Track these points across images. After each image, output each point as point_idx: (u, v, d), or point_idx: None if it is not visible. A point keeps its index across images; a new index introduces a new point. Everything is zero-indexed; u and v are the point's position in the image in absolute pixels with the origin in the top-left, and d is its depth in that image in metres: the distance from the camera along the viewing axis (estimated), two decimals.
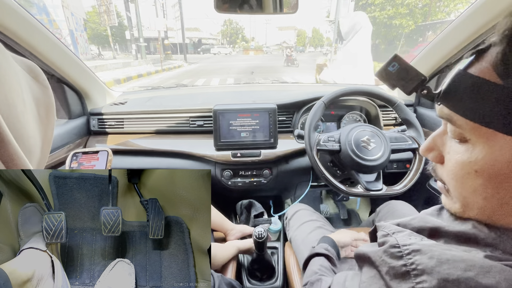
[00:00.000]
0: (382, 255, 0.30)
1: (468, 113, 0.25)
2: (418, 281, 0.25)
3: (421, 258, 0.26)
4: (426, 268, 0.25)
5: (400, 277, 0.27)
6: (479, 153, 0.26)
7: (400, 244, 0.28)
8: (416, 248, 0.27)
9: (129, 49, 20.28)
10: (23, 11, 0.69)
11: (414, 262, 0.26)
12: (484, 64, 0.25)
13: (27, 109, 0.26)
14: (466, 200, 0.29)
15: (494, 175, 0.25)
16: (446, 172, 0.30)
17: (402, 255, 0.27)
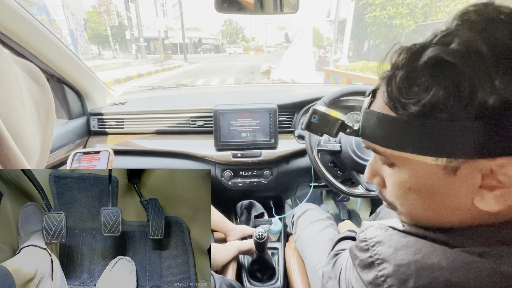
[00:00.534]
0: (354, 250, 0.34)
1: (383, 142, 0.29)
2: (380, 269, 0.29)
3: (382, 248, 0.30)
4: (385, 257, 0.29)
5: (367, 268, 0.31)
6: (405, 173, 0.29)
7: (367, 238, 0.33)
8: (378, 239, 0.31)
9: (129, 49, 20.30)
10: (23, 11, 0.69)
11: (377, 253, 0.30)
12: (379, 101, 0.29)
13: (26, 110, 0.26)
14: (411, 214, 0.33)
15: (422, 189, 0.29)
16: (389, 193, 0.34)
17: (368, 247, 0.32)
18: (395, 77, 0.27)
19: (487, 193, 0.25)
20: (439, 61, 0.24)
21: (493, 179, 0.24)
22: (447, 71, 0.23)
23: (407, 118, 0.26)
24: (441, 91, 0.23)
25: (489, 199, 0.25)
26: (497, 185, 0.24)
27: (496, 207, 0.25)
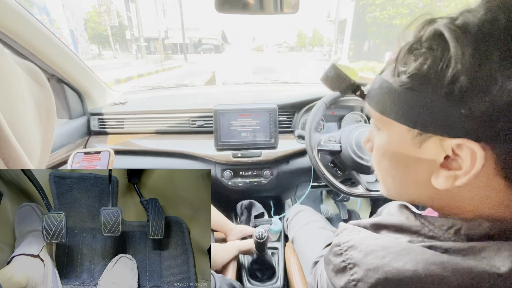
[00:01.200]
0: (328, 255, 0.35)
1: (376, 106, 0.31)
2: (351, 273, 0.29)
3: (354, 253, 0.30)
4: (356, 261, 0.29)
5: (340, 272, 0.31)
6: (384, 138, 0.32)
7: (340, 242, 0.33)
8: (351, 244, 0.31)
9: (130, 48, 20.31)
10: (24, 11, 0.69)
11: (349, 257, 0.30)
12: (389, 69, 0.30)
13: (28, 110, 0.27)
14: (384, 181, 0.36)
15: (393, 157, 0.32)
16: (372, 158, 0.37)
17: (341, 252, 0.32)
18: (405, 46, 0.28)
19: (442, 171, 0.27)
20: (436, 34, 0.25)
21: (453, 161, 0.26)
22: (438, 44, 0.24)
23: (398, 86, 0.27)
24: (426, 63, 0.24)
25: (441, 176, 0.27)
26: (454, 167, 0.26)
27: (444, 185, 0.26)
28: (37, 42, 0.76)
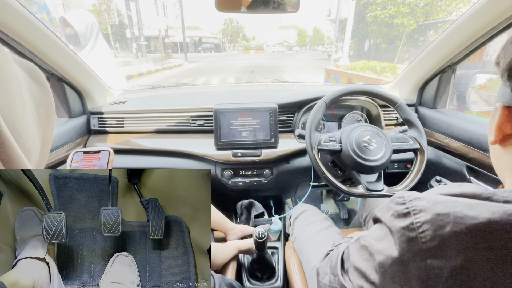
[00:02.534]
0: (388, 204, 0.35)
1: None
2: (416, 217, 0.30)
3: (420, 202, 0.31)
4: (423, 208, 0.30)
5: (402, 217, 0.32)
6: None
7: (404, 195, 0.34)
8: (417, 196, 0.32)
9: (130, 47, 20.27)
10: (23, 9, 0.68)
11: (414, 205, 0.31)
12: None
13: (27, 109, 0.26)
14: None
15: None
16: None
17: (405, 201, 0.32)
18: None
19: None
20: None
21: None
22: None
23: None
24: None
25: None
26: None
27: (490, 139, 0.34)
28: (36, 40, 0.75)
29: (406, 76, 1.18)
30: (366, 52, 20.95)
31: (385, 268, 0.32)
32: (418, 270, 0.29)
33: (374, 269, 0.34)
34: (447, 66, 1.00)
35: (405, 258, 0.30)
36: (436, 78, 1.06)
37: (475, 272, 0.26)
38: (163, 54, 15.16)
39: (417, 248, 0.29)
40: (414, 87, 1.15)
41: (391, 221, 0.33)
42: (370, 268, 0.35)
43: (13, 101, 0.24)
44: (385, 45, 18.55)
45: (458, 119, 0.96)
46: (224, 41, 56.67)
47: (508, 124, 0.33)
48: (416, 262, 0.29)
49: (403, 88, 1.21)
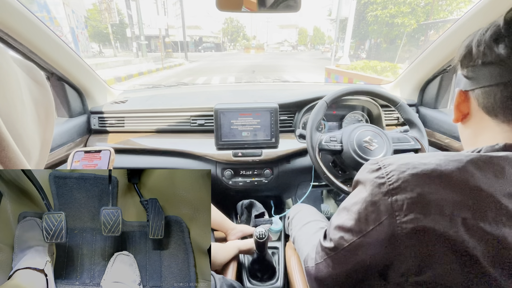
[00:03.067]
0: (365, 166, 0.42)
1: None
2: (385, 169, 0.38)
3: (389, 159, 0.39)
4: (391, 162, 0.38)
5: (375, 170, 0.39)
6: None
7: (377, 159, 0.40)
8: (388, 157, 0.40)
9: (130, 47, 20.28)
10: (24, 8, 0.68)
11: (384, 162, 0.39)
12: None
13: (26, 110, 0.26)
14: None
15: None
16: None
17: (377, 162, 0.40)
18: None
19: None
20: None
21: None
22: None
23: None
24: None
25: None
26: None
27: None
28: (37, 40, 0.75)
29: (407, 76, 1.18)
30: (367, 52, 20.92)
31: (360, 213, 0.39)
32: (386, 206, 0.36)
33: (352, 219, 0.41)
34: (448, 66, 0.99)
35: (376, 199, 0.37)
36: (437, 78, 1.06)
37: (427, 201, 0.33)
38: (163, 54, 15.15)
39: (385, 189, 0.36)
40: (415, 87, 1.15)
41: (366, 176, 0.40)
42: (347, 220, 0.41)
43: (13, 101, 0.24)
44: (385, 44, 18.53)
45: None
46: (224, 40, 56.63)
47: (464, 104, 0.42)
48: (385, 199, 0.36)
49: (404, 88, 1.21)
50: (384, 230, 0.36)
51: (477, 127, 0.41)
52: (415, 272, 0.34)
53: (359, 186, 0.42)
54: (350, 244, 0.41)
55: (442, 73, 1.03)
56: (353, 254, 0.41)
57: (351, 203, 0.42)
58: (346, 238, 0.41)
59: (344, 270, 0.44)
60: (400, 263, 0.35)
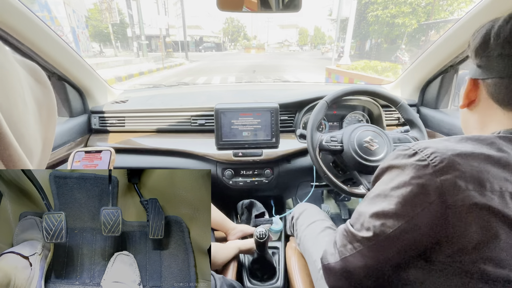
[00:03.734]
0: (396, 152, 0.42)
1: None
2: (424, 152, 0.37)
3: (422, 144, 0.39)
4: (426, 146, 0.38)
5: (412, 155, 0.38)
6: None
7: (406, 145, 0.41)
8: (416, 142, 0.41)
9: (131, 46, 20.29)
10: (25, 8, 0.68)
11: (419, 146, 0.38)
12: None
13: (28, 109, 0.26)
14: None
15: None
16: None
17: (409, 147, 0.40)
18: None
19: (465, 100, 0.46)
20: None
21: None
22: None
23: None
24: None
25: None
26: None
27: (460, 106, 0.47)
28: (38, 39, 0.75)
29: (408, 76, 1.18)
30: (368, 52, 20.90)
31: (405, 197, 0.38)
32: (435, 187, 0.35)
33: (394, 204, 0.39)
34: (449, 66, 0.99)
35: (423, 181, 0.36)
36: (438, 78, 1.06)
37: (478, 178, 0.33)
38: (164, 53, 15.16)
39: (430, 170, 0.35)
40: (416, 87, 1.15)
41: (402, 161, 0.39)
42: (389, 205, 0.39)
43: (15, 101, 0.24)
44: (386, 44, 18.51)
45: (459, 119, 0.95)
46: (225, 40, 56.61)
47: (473, 92, 0.43)
48: (433, 180, 0.35)
49: (405, 88, 1.20)
50: (434, 210, 0.35)
51: (484, 114, 0.43)
52: (468, 251, 0.34)
53: (393, 171, 0.41)
54: (395, 230, 0.39)
55: (443, 73, 1.03)
56: (397, 240, 0.39)
57: (389, 188, 0.40)
58: (389, 225, 0.39)
59: (384, 257, 0.42)
60: (451, 243, 0.35)
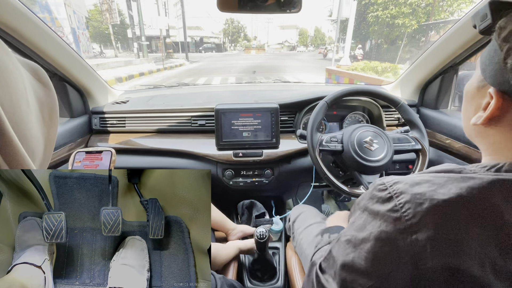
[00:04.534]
0: (371, 192, 0.37)
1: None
2: (398, 199, 0.33)
3: (399, 185, 0.34)
4: (403, 190, 0.33)
5: (386, 201, 0.34)
6: (470, 79, 0.39)
7: (384, 181, 0.36)
8: (396, 180, 0.36)
9: (131, 47, 20.32)
10: (25, 9, 0.69)
11: (395, 189, 0.34)
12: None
13: (31, 110, 0.26)
14: (463, 121, 0.43)
15: (466, 92, 0.39)
16: None
17: (386, 187, 0.35)
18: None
19: (480, 112, 0.35)
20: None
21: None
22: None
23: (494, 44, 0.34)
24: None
25: (477, 115, 0.36)
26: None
27: (473, 120, 0.36)
28: (38, 40, 0.76)
29: (408, 77, 1.18)
30: (368, 52, 20.92)
31: (375, 253, 0.34)
32: (407, 246, 0.31)
33: (364, 259, 0.35)
34: (449, 67, 0.99)
35: (393, 237, 0.32)
36: (438, 78, 1.06)
37: (454, 240, 0.29)
38: (164, 54, 15.18)
39: (402, 226, 0.32)
40: (416, 87, 1.15)
41: (376, 207, 0.35)
42: (359, 259, 0.35)
43: (18, 102, 0.24)
44: (386, 45, 18.51)
45: (460, 120, 0.95)
46: (225, 41, 56.68)
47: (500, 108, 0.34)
48: (404, 238, 0.31)
49: (404, 88, 1.21)
50: (407, 272, 0.31)
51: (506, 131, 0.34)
52: None
53: (366, 215, 0.37)
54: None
55: (443, 73, 1.03)
56: None
57: (360, 238, 0.36)
58: (360, 283, 0.35)
59: None
60: None
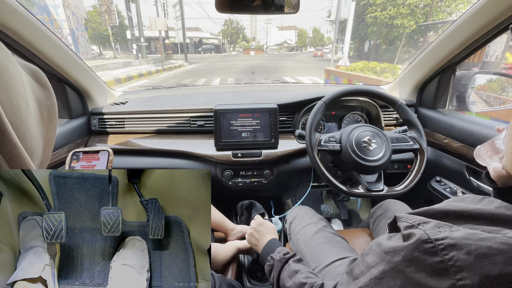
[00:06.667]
0: (414, 251, 0.28)
1: None
2: (458, 278, 0.25)
3: (458, 254, 0.25)
4: (465, 265, 0.25)
5: (438, 274, 0.26)
6: None
7: (432, 239, 0.27)
8: (450, 242, 0.26)
9: (130, 48, 20.32)
10: (24, 10, 0.69)
11: (451, 258, 0.26)
12: None
13: (30, 111, 0.27)
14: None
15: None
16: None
17: (436, 250, 0.27)
18: None
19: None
20: None
21: None
22: None
23: None
24: None
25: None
26: None
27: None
28: (37, 42, 0.76)
29: (406, 77, 1.18)
30: (366, 53, 20.97)
31: None
32: None
33: None
34: (447, 67, 1.00)
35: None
36: (436, 78, 1.06)
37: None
38: (163, 55, 15.18)
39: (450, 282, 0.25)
40: (414, 87, 1.15)
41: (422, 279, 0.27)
42: None
43: (18, 103, 0.24)
44: (385, 45, 18.56)
45: (458, 119, 0.96)
46: (224, 42, 56.70)
47: None
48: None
49: (403, 88, 1.21)
50: None
51: None
52: None
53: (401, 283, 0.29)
54: None
55: (441, 73, 1.04)
56: None
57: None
58: None
59: None
60: None
